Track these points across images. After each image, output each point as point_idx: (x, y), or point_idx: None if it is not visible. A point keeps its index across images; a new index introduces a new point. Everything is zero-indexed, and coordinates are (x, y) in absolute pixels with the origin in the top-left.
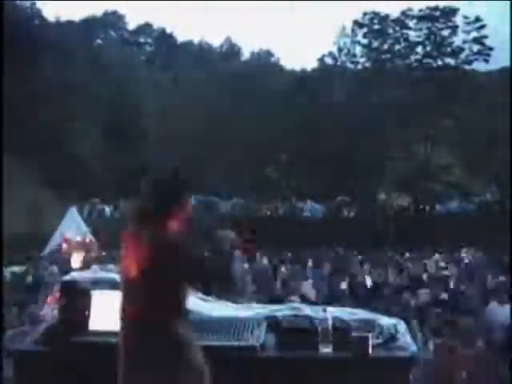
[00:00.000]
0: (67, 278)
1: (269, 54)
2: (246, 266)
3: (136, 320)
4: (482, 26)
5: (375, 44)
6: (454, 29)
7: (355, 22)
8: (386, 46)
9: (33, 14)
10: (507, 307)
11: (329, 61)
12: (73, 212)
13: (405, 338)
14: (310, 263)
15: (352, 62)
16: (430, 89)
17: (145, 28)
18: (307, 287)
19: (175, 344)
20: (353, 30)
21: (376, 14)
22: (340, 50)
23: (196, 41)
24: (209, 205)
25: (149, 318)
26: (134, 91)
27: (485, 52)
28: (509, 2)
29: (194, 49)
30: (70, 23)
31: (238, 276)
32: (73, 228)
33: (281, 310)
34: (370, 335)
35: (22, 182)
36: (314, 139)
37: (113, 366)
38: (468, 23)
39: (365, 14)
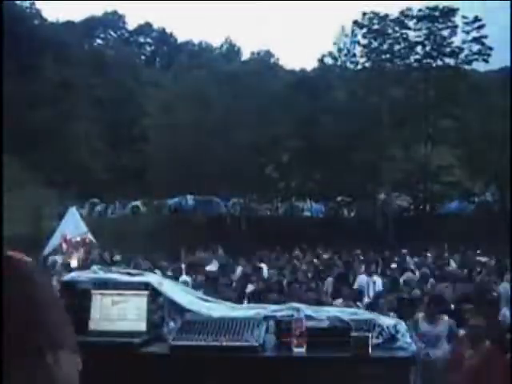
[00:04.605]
0: (67, 278)
1: (269, 54)
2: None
3: None
4: (482, 26)
5: (375, 44)
6: (454, 29)
7: (355, 23)
8: (385, 46)
9: (32, 14)
10: None
11: (329, 61)
12: (73, 212)
13: (405, 338)
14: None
15: (351, 62)
16: (430, 89)
17: (145, 28)
18: None
19: None
20: (352, 31)
21: (375, 14)
22: (340, 50)
23: (196, 41)
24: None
25: None
26: (133, 91)
27: (484, 52)
28: (509, 2)
29: (194, 49)
30: (69, 23)
31: None
32: (72, 228)
33: (281, 310)
34: (370, 335)
35: (22, 182)
36: (313, 139)
37: (113, 365)
38: (467, 23)
39: (364, 14)
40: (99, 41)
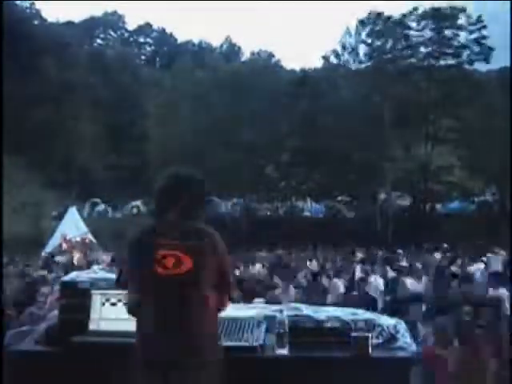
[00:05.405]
0: (67, 278)
1: (269, 53)
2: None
3: (165, 320)
4: (484, 27)
5: (378, 44)
6: (456, 29)
7: (360, 22)
8: (388, 46)
9: (32, 14)
10: None
11: (332, 60)
12: (73, 212)
13: (405, 338)
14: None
15: (354, 61)
16: (432, 89)
17: (145, 28)
18: None
19: (199, 344)
20: (357, 30)
21: (379, 14)
22: (344, 47)
23: (196, 41)
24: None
25: (180, 318)
26: (133, 91)
27: (486, 52)
28: (509, 2)
29: (194, 49)
30: (69, 23)
31: None
32: (73, 228)
33: (281, 310)
34: (370, 335)
35: (22, 182)
36: (314, 139)
37: (112, 365)
38: (471, 23)
39: (369, 13)
40: (99, 41)
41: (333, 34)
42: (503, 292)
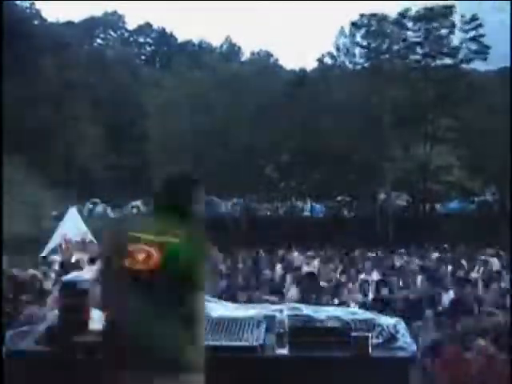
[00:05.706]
0: (67, 278)
1: (268, 54)
2: None
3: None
4: (480, 25)
5: (373, 45)
6: (452, 28)
7: (353, 24)
8: (384, 47)
9: (32, 14)
10: None
11: (328, 61)
12: (73, 212)
13: (405, 338)
14: None
15: (351, 62)
16: (429, 88)
17: (145, 28)
18: None
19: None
20: (351, 31)
21: (373, 15)
22: (338, 49)
23: (196, 41)
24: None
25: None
26: (133, 91)
27: (483, 51)
28: (509, 2)
29: (194, 49)
30: (69, 23)
31: None
32: (73, 228)
33: (281, 310)
34: (370, 335)
35: (22, 182)
36: (313, 139)
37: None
38: (466, 22)
39: (361, 15)
40: (99, 41)
41: (333, 35)
42: None
